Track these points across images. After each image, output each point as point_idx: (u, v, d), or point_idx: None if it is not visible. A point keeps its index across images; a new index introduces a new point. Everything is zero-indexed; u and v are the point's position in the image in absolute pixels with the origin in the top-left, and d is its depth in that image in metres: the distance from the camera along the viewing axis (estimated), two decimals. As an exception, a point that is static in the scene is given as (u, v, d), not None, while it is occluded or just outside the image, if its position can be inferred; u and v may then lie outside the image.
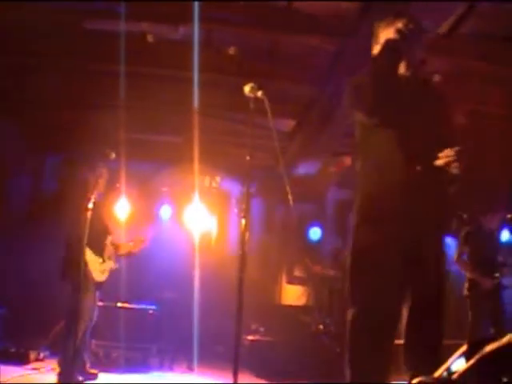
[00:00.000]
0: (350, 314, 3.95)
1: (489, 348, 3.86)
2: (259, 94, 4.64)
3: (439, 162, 3.87)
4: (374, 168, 3.95)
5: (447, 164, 3.86)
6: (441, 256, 4.04)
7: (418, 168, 3.87)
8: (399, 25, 3.97)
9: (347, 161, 12.64)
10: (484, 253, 8.48)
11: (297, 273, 12.35)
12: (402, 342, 4.02)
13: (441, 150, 3.90)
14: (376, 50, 4.13)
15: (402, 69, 4.01)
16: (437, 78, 9.89)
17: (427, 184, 3.89)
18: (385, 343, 3.83)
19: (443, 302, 4.00)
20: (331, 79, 9.61)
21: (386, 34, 4.02)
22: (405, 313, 3.95)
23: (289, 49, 9.38)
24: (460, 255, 8.52)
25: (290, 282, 12.50)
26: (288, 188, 4.87)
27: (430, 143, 3.97)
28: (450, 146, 3.88)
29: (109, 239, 8.00)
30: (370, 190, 3.98)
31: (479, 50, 9.04)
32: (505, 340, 3.82)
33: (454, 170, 3.88)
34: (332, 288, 11.03)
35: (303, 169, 12.38)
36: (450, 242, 9.18)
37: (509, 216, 12.62)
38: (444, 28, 8.48)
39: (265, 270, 12.17)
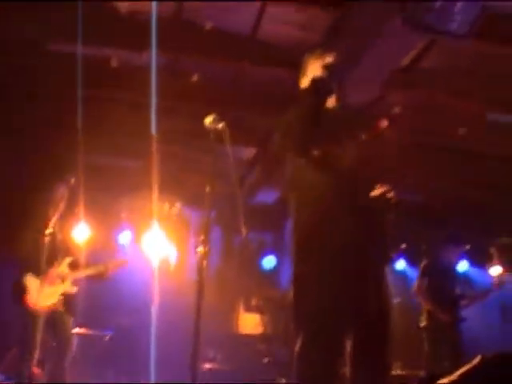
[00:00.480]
0: (296, 345, 3.91)
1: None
2: (220, 126, 4.63)
3: (375, 193, 3.91)
4: (312, 202, 3.92)
5: (383, 194, 3.90)
6: (383, 287, 4.02)
7: (353, 202, 3.87)
8: (327, 60, 3.98)
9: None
10: (442, 285, 8.55)
11: (254, 301, 12.32)
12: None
13: (375, 181, 3.94)
14: (303, 83, 4.15)
15: (330, 102, 4.02)
16: (396, 110, 10.05)
17: (364, 217, 3.89)
18: (328, 373, 3.79)
19: (388, 335, 3.96)
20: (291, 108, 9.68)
21: (314, 68, 4.03)
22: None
23: (252, 77, 9.44)
24: (419, 287, 8.58)
25: (247, 310, 12.48)
26: (242, 217, 4.84)
27: (364, 174, 4.00)
28: (382, 176, 3.93)
29: (66, 261, 7.91)
30: (304, 228, 3.99)
31: (440, 84, 9.19)
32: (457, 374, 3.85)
33: (390, 200, 3.91)
34: (289, 317, 11.02)
35: (263, 197, 12.41)
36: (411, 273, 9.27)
37: (467, 247, 12.82)
38: (405, 62, 8.61)
39: (223, 298, 12.13)
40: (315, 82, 3.89)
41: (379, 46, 7.07)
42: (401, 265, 13.33)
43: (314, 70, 4.01)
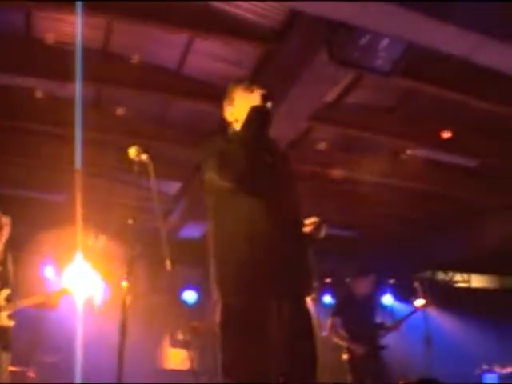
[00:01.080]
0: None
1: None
2: (144, 157, 4.56)
3: (307, 229, 3.91)
4: (244, 235, 3.77)
5: (313, 230, 3.91)
6: (309, 319, 3.99)
7: (288, 235, 3.84)
8: (264, 91, 3.98)
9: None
10: (357, 319, 8.58)
11: (180, 336, 12.20)
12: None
13: (300, 217, 3.95)
14: (229, 112, 4.13)
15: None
16: (322, 145, 10.16)
17: (297, 252, 3.88)
18: None
19: (315, 368, 3.91)
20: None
21: (246, 98, 4.01)
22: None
23: (178, 111, 9.42)
24: (332, 326, 8.60)
25: (173, 345, 12.34)
26: (167, 251, 4.76)
27: (294, 209, 4.00)
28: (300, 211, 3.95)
29: (3, 294, 7.67)
30: (232, 262, 3.79)
31: (363, 120, 9.34)
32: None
33: (318, 236, 3.93)
34: (216, 352, 10.93)
35: (189, 232, 12.35)
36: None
37: (391, 281, 12.98)
38: (330, 97, 8.71)
39: (149, 333, 11.97)
40: (256, 109, 3.87)
41: (305, 80, 7.14)
42: (327, 299, 13.42)
43: (246, 100, 3.98)
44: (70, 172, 9.79)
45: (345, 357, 8.47)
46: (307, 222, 3.94)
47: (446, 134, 9.72)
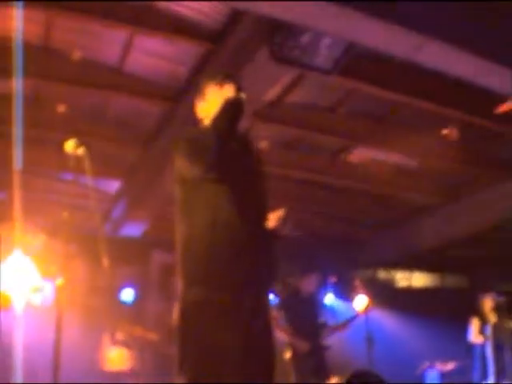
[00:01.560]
0: (179, 382, 3.64)
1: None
2: (80, 151, 4.49)
3: (271, 224, 3.89)
4: (205, 227, 3.77)
5: (277, 225, 3.89)
6: (268, 316, 3.98)
7: (255, 228, 3.83)
8: (237, 84, 3.97)
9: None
10: (302, 316, 8.60)
11: (120, 336, 12.06)
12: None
13: (268, 211, 3.93)
14: (202, 107, 4.11)
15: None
16: (265, 144, 10.16)
17: (262, 245, 3.85)
18: None
19: (274, 370, 3.90)
20: (157, 142, 9.63)
21: (218, 92, 3.99)
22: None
23: (117, 110, 9.33)
24: (276, 320, 8.61)
25: (113, 345, 12.20)
26: (104, 250, 4.70)
27: (261, 202, 3.99)
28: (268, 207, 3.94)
29: None
30: (200, 251, 3.74)
31: (304, 119, 9.37)
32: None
33: (283, 231, 3.91)
34: (157, 352, 10.87)
35: (128, 231, 12.26)
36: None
37: (333, 279, 13.04)
38: (272, 96, 8.72)
39: (88, 334, 11.82)
40: (229, 101, 3.84)
41: (246, 79, 7.11)
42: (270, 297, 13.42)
43: (220, 94, 3.95)
44: (8, 170, 9.62)
45: (288, 355, 8.46)
46: (272, 216, 3.91)
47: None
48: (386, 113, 9.78)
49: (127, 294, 12.82)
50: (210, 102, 4.02)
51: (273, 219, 3.89)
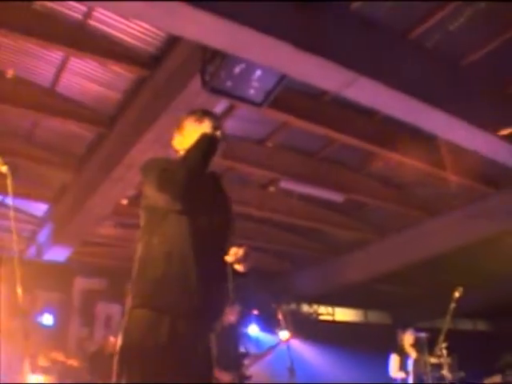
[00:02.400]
0: None
1: None
2: (3, 169, 4.45)
3: (229, 259, 3.91)
4: (162, 254, 3.79)
5: (235, 261, 3.91)
6: (211, 352, 4.02)
7: (211, 262, 3.86)
8: (215, 122, 4.04)
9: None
10: (223, 347, 8.57)
11: (41, 362, 11.86)
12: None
13: (228, 246, 3.97)
14: (179, 140, 4.16)
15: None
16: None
17: (215, 280, 3.89)
18: None
19: None
20: (87, 166, 9.59)
21: (196, 128, 4.05)
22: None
23: (48, 132, 9.26)
24: None
25: (34, 371, 11.98)
26: (18, 275, 4.65)
27: (222, 238, 4.02)
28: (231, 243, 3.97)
29: None
30: (153, 276, 3.77)
31: (233, 151, 9.43)
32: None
33: (240, 267, 3.94)
34: (76, 378, 10.70)
35: (52, 255, 12.10)
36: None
37: (255, 312, 13.08)
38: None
39: (9, 359, 11.60)
40: (206, 136, 3.89)
41: (177, 107, 7.16)
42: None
43: (197, 129, 4.00)
44: None
45: (212, 384, 8.44)
46: (232, 251, 3.93)
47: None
48: (315, 147, 9.92)
49: (47, 319, 12.61)
50: (187, 136, 4.04)
51: (233, 255, 3.91)
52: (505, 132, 5.46)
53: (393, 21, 6.95)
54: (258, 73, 6.47)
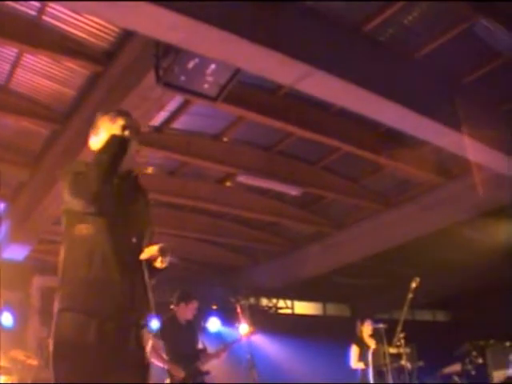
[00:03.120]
0: None
1: None
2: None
3: (143, 256, 3.95)
4: (82, 257, 3.84)
5: (151, 258, 3.96)
6: (143, 348, 4.00)
7: (130, 260, 3.89)
8: (125, 122, 4.06)
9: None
10: (179, 343, 8.57)
11: (1, 362, 11.76)
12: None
13: (147, 245, 4.01)
14: (94, 141, 4.17)
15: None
16: (150, 170, 10.20)
17: (136, 277, 3.91)
18: None
19: None
20: (43, 164, 9.53)
21: (109, 128, 4.06)
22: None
23: (4, 130, 9.16)
24: (153, 348, 8.50)
25: (-6, 373, 11.87)
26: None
27: (141, 236, 4.05)
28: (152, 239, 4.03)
29: None
30: (75, 279, 3.84)
31: (189, 146, 9.44)
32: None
33: (158, 264, 3.99)
34: (36, 378, 10.64)
35: (10, 254, 11.99)
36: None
37: (214, 307, 13.13)
38: (157, 122, 8.79)
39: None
40: (115, 137, 3.90)
41: (131, 103, 7.15)
42: (154, 324, 13.31)
43: (109, 129, 4.02)
44: None
45: (167, 381, 8.44)
46: (150, 248, 3.98)
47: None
48: (271, 141, 9.98)
49: (7, 319, 12.49)
50: (102, 137, 4.07)
51: (150, 251, 3.97)
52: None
53: (347, 15, 7.03)
54: (212, 67, 6.50)
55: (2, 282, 11.55)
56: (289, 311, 17.25)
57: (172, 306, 8.82)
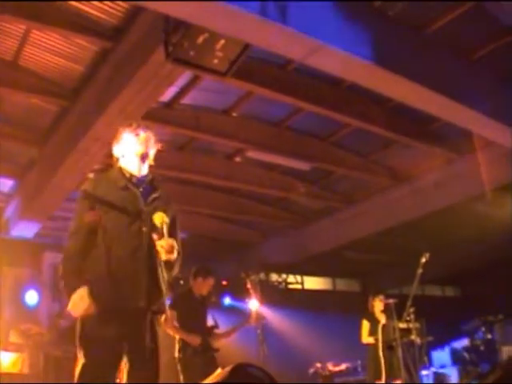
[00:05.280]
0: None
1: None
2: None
3: (161, 251, 4.12)
4: (99, 255, 4.15)
5: (164, 252, 4.12)
6: (155, 332, 4.24)
7: (137, 258, 4.14)
8: (144, 136, 4.40)
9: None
10: (192, 316, 8.60)
11: (13, 338, 11.83)
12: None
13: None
14: (117, 149, 4.45)
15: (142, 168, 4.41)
16: (158, 146, 10.15)
17: (144, 271, 4.14)
18: None
19: (158, 370, 4.19)
20: (53, 140, 9.52)
21: (131, 140, 4.39)
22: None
23: (13, 106, 9.13)
24: (168, 318, 8.52)
25: (5, 347, 11.95)
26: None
27: (148, 236, 4.21)
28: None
29: None
30: (97, 267, 4.15)
31: (198, 121, 9.43)
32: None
33: (166, 256, 4.13)
34: (48, 354, 10.70)
35: (20, 231, 12.02)
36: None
37: (224, 282, 13.16)
38: (166, 97, 8.76)
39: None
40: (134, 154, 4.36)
41: (141, 78, 7.14)
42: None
43: (130, 141, 4.39)
44: None
45: (176, 355, 8.46)
46: (161, 244, 4.14)
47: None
48: (281, 116, 9.94)
49: (28, 296, 12.50)
50: (123, 146, 4.44)
51: (162, 247, 4.13)
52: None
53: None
54: (222, 42, 6.45)
55: (13, 259, 11.60)
56: (299, 286, 17.27)
57: (188, 280, 8.85)
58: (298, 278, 17.22)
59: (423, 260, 8.20)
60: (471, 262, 15.52)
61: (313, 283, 17.83)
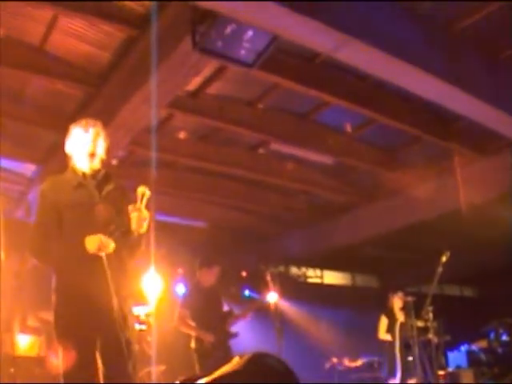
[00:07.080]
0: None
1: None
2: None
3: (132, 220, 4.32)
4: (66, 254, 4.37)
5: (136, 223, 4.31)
6: (127, 320, 4.41)
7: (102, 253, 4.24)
8: (92, 134, 4.66)
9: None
10: (204, 308, 8.61)
11: (30, 322, 11.89)
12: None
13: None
14: (69, 146, 4.80)
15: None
16: (182, 134, 10.18)
17: (111, 266, 4.26)
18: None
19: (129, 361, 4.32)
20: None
21: (81, 137, 4.70)
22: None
23: (37, 91, 9.15)
24: (181, 318, 8.53)
25: (23, 330, 12.02)
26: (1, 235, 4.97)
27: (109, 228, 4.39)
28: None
29: None
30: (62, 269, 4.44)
31: (223, 112, 9.41)
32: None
33: (136, 227, 4.32)
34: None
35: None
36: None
37: (244, 274, 13.17)
38: (192, 87, 8.75)
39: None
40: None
41: (167, 67, 7.13)
42: (180, 289, 13.36)
43: (80, 138, 4.68)
44: None
45: (193, 345, 8.48)
46: (135, 214, 4.33)
47: None
48: (306, 109, 9.91)
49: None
50: (74, 143, 4.77)
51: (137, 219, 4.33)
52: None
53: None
54: (250, 33, 6.42)
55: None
56: (318, 280, 17.29)
57: (195, 272, 8.87)
58: (318, 271, 17.23)
59: (443, 259, 8.16)
60: (490, 263, 15.45)
61: (332, 278, 17.83)
